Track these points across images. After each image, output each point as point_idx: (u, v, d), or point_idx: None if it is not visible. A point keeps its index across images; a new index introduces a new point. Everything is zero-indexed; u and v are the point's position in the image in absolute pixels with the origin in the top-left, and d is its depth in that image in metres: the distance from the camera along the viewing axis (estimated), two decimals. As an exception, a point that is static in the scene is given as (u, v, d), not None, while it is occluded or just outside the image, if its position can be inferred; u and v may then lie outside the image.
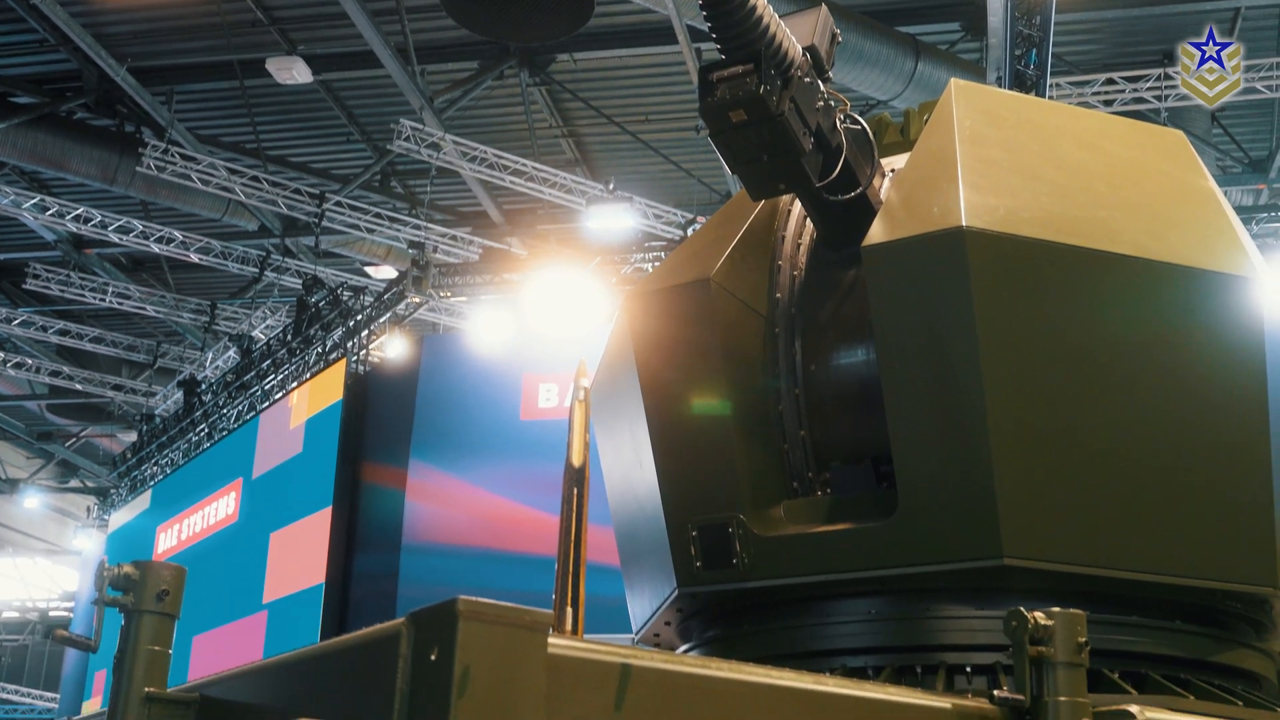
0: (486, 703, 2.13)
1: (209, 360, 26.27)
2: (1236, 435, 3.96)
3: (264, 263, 22.92)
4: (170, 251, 22.31)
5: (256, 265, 22.97)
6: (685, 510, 4.23)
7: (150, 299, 24.67)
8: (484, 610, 2.18)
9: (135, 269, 25.54)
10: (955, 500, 3.77)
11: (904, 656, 3.86)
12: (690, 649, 4.49)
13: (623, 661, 2.39)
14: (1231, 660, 4.05)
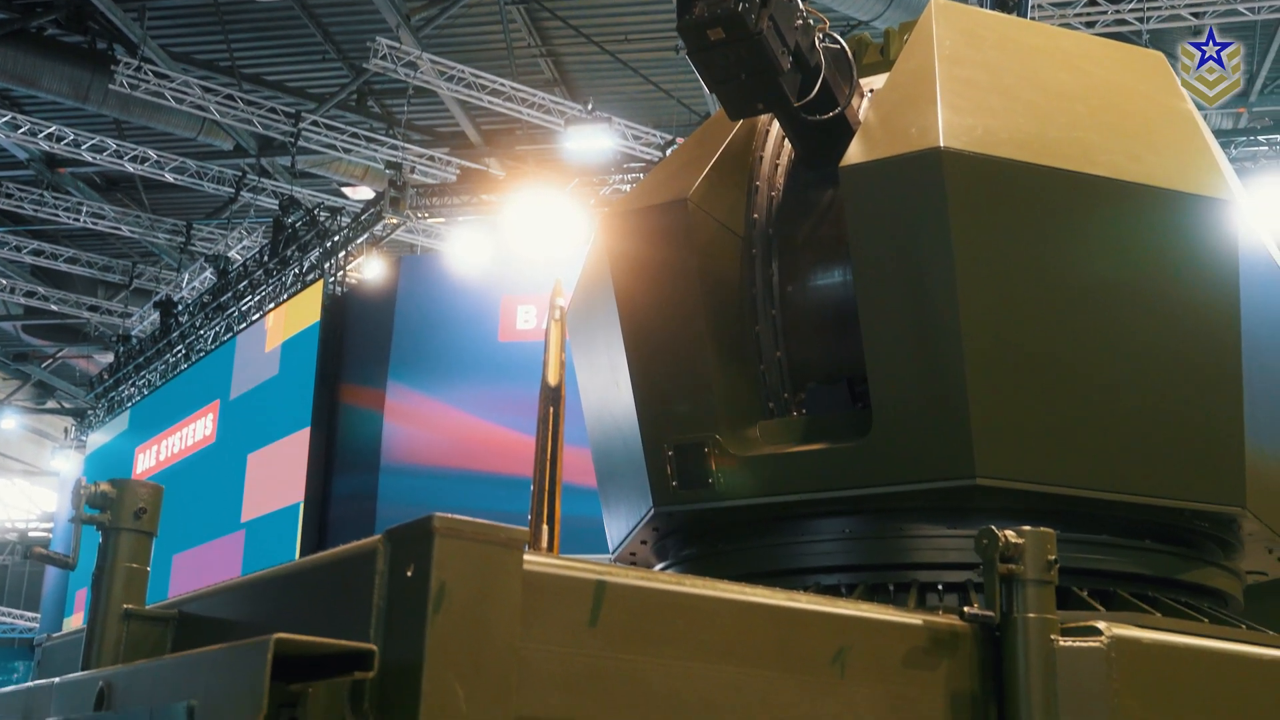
0: (462, 618, 2.15)
1: (185, 281, 26.14)
2: (1208, 358, 3.99)
3: (240, 183, 22.74)
4: (145, 171, 22.10)
5: (232, 185, 22.79)
6: (661, 430, 4.25)
7: (125, 219, 24.47)
8: (460, 527, 2.19)
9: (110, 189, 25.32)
10: (929, 420, 3.80)
11: (877, 575, 3.90)
12: (666, 567, 4.53)
13: (597, 578, 2.41)
14: (1199, 579, 4.11)
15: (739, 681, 2.51)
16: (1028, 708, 2.80)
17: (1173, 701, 2.93)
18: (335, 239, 21.39)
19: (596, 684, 2.35)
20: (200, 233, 25.21)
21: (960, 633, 2.88)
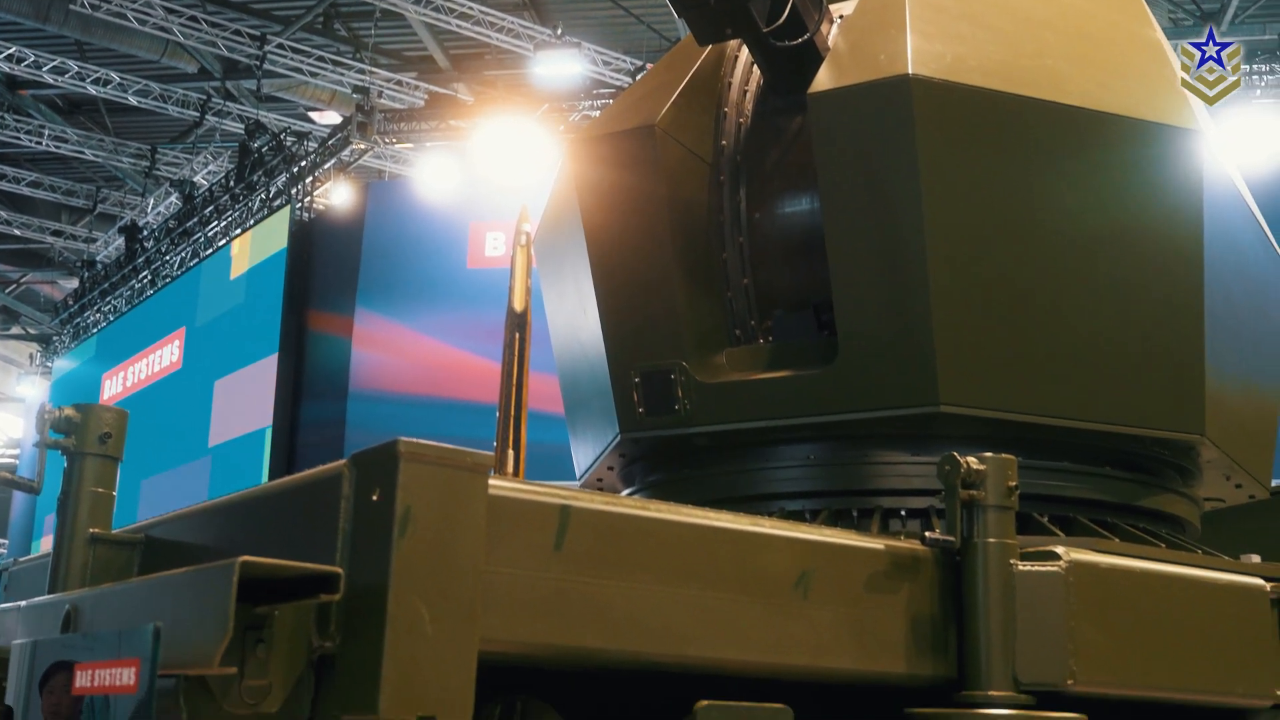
0: (427, 542, 2.16)
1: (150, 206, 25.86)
2: (1172, 287, 4.02)
3: (205, 106, 22.43)
4: (108, 94, 21.78)
5: (197, 109, 22.49)
6: (628, 357, 4.26)
7: (88, 142, 24.14)
8: (425, 452, 2.20)
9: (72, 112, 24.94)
10: (894, 348, 3.82)
11: (841, 500, 3.94)
12: (632, 493, 4.56)
13: (563, 503, 2.43)
14: (1157, 505, 4.17)
15: (703, 604, 2.55)
16: (986, 630, 2.85)
17: (1128, 624, 2.99)
18: (302, 164, 21.17)
19: (562, 607, 2.37)
20: (165, 157, 24.89)
21: (921, 557, 2.93)
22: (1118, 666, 2.96)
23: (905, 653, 2.83)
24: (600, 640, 2.43)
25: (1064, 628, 2.84)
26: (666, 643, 2.50)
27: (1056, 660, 2.84)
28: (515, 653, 2.36)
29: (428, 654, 2.13)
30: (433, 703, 2.13)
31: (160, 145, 24.82)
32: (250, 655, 2.12)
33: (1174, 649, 3.09)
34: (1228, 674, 3.21)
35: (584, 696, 2.81)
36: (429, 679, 2.13)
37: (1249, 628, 3.25)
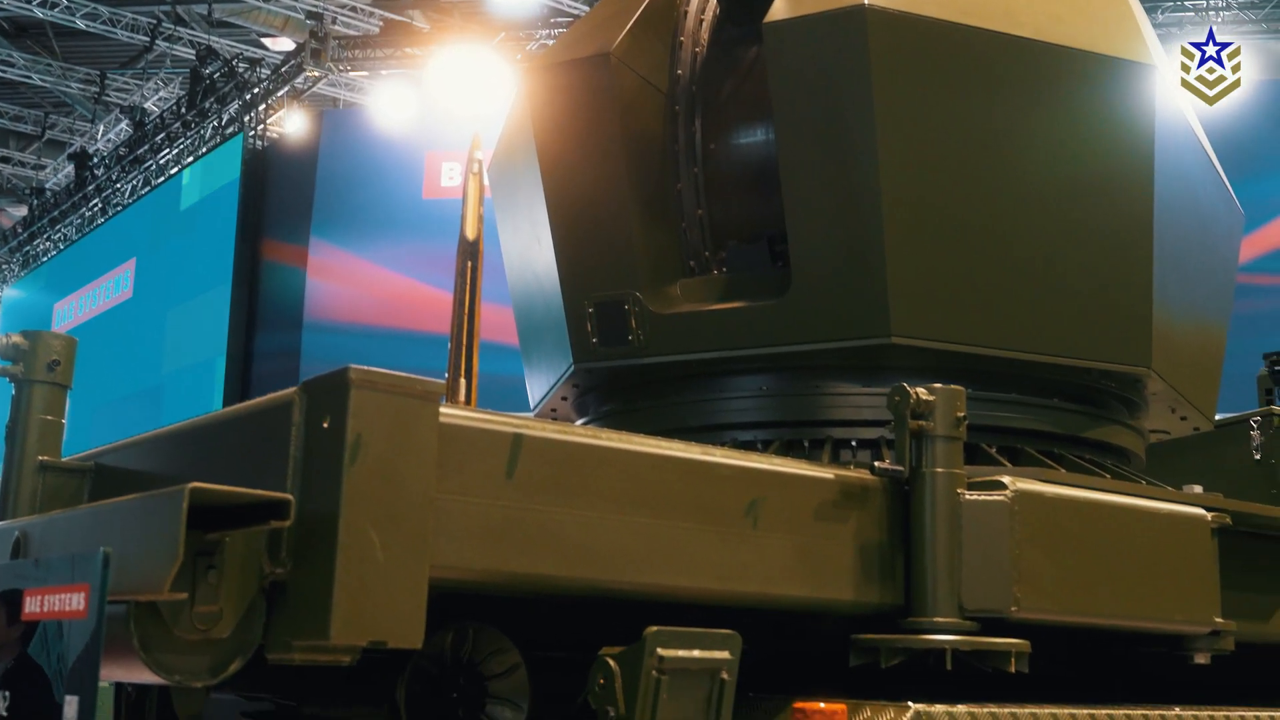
0: (378, 470, 2.17)
1: (100, 133, 25.46)
2: (1122, 221, 4.05)
3: (155, 31, 22.02)
4: (54, 17, 21.34)
5: (147, 33, 22.08)
6: (582, 287, 4.26)
7: (36, 67, 23.68)
8: (376, 379, 2.21)
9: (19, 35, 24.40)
10: (846, 279, 3.84)
11: (792, 431, 3.97)
12: (586, 424, 4.57)
13: (514, 431, 2.44)
14: (1104, 436, 4.23)
15: (654, 532, 2.57)
16: (932, 558, 2.90)
17: (1072, 552, 3.05)
18: (254, 92, 20.89)
19: (513, 534, 2.39)
20: (114, 83, 24.47)
21: (870, 486, 2.96)
22: (1060, 594, 3.01)
23: (853, 580, 2.87)
24: (552, 567, 2.45)
25: (1008, 556, 2.89)
26: (617, 569, 2.53)
27: (1001, 587, 2.89)
28: (467, 580, 2.38)
29: (378, 580, 2.14)
30: (383, 629, 2.15)
31: (110, 71, 24.37)
32: (201, 581, 2.13)
33: (1116, 576, 3.15)
34: (1167, 601, 3.27)
35: (536, 623, 2.84)
36: (380, 605, 2.14)
37: (1189, 556, 3.32)
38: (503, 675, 2.66)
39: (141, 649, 2.13)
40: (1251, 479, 6.07)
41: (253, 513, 2.15)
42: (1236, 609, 3.47)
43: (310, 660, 2.16)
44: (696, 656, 2.40)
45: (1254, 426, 6.26)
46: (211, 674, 2.19)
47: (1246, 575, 3.63)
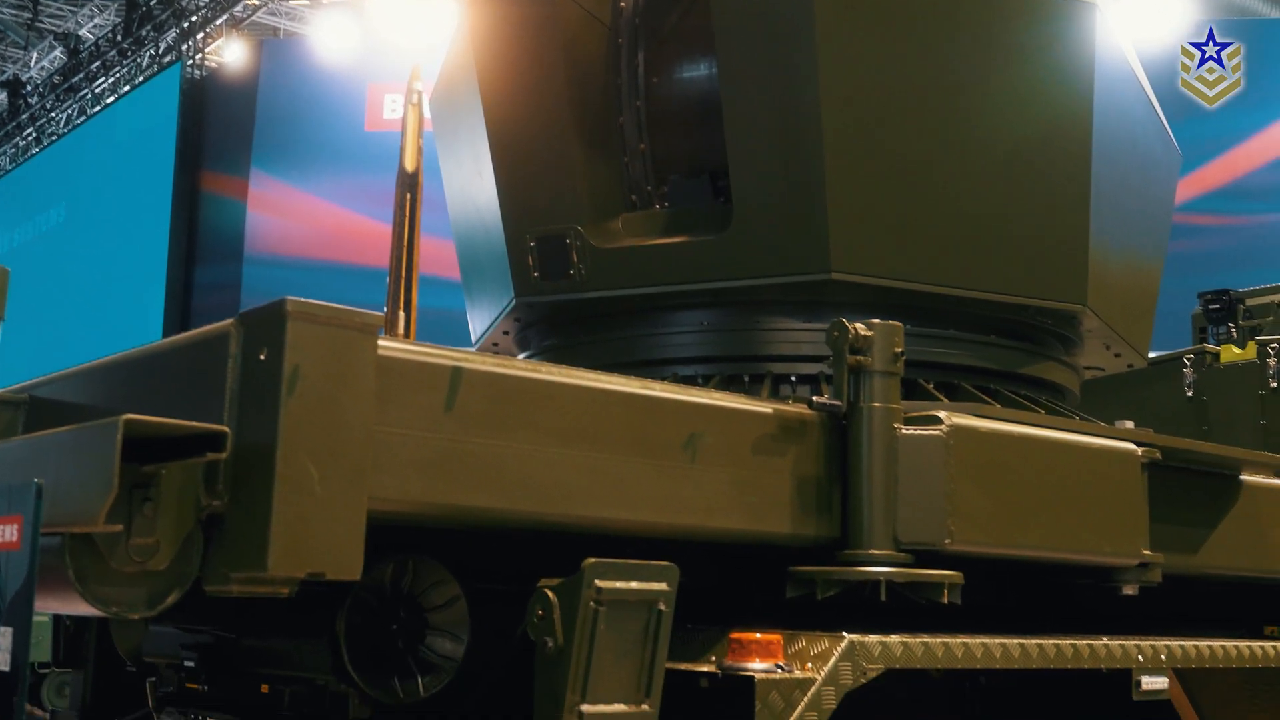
0: (316, 402, 2.16)
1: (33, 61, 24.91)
2: (1060, 160, 4.08)
3: (89, -45, 21.54)
4: (-15, -60, 20.82)
5: (81, -42, 21.60)
6: (524, 221, 4.24)
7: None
8: (313, 311, 2.19)
9: (-53, -42, 23.81)
10: (788, 215, 3.85)
11: (733, 366, 3.99)
12: (527, 358, 4.57)
13: (453, 364, 2.43)
14: (1039, 373, 4.29)
15: (593, 465, 2.58)
16: (868, 491, 2.93)
17: (1005, 485, 3.09)
18: (192, 19, 20.50)
19: (453, 467, 2.39)
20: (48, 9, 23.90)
21: (808, 421, 2.99)
22: (994, 527, 3.06)
23: (790, 513, 2.90)
24: (491, 500, 2.46)
25: (943, 489, 2.93)
26: (557, 502, 2.54)
27: (935, 521, 2.93)
28: (406, 512, 2.38)
29: (316, 512, 2.14)
30: (322, 560, 2.15)
31: (42, -4, 23.80)
32: (137, 513, 2.12)
33: (1048, 510, 3.20)
34: (1098, 534, 3.33)
35: (476, 556, 2.85)
36: (318, 537, 2.14)
37: (1119, 490, 3.37)
38: (443, 607, 2.68)
39: (77, 581, 2.12)
40: (1183, 415, 6.19)
41: (189, 445, 2.14)
42: (1164, 542, 3.54)
43: (248, 592, 2.16)
44: (634, 588, 2.42)
45: (1187, 364, 6.38)
46: (148, 606, 2.18)
47: (1175, 509, 3.71)
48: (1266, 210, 16.47)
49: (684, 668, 2.70)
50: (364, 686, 2.60)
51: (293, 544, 2.10)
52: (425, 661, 2.66)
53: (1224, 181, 16.55)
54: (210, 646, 3.16)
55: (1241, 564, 4.04)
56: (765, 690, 2.55)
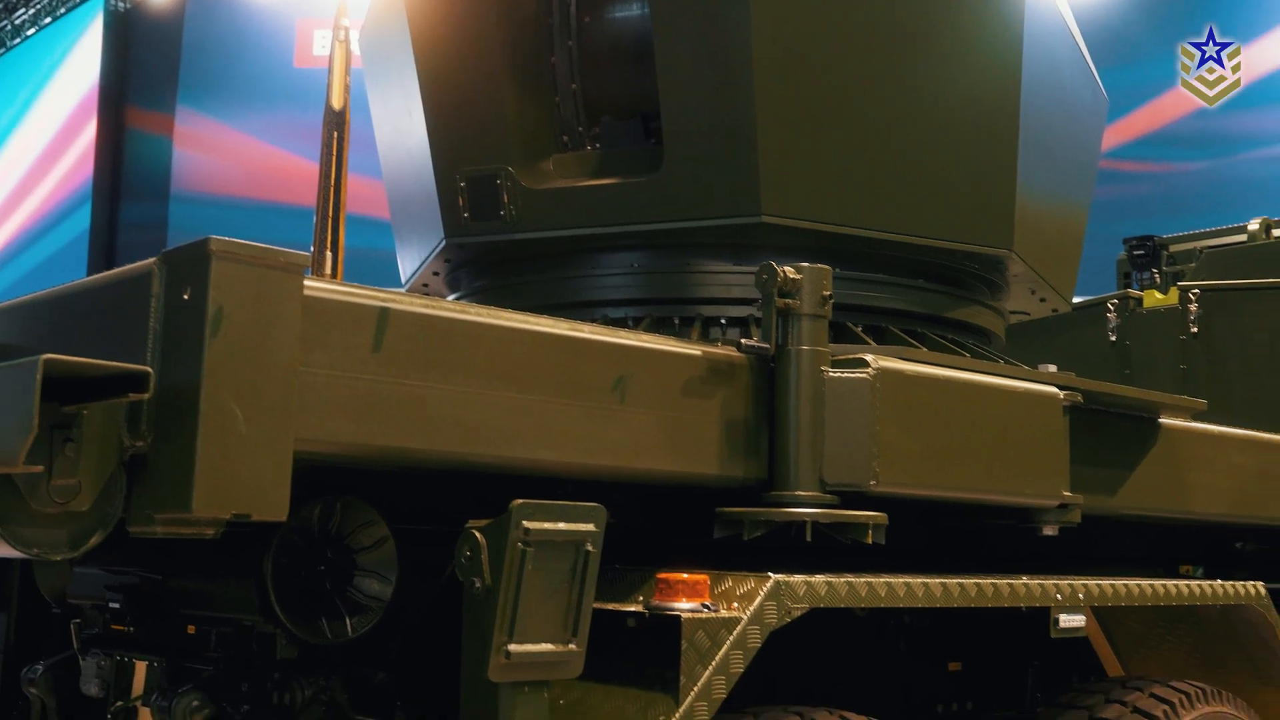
0: (240, 341, 2.15)
1: (-51, -10, 24.24)
2: (989, 104, 4.11)
3: (7, -119, 20.96)
4: None
5: (-2, -116, 21.01)
6: (454, 161, 4.21)
7: (-123, -83, 22.39)
8: (237, 251, 2.17)
9: None
10: (719, 158, 3.85)
11: (663, 308, 4.00)
12: (457, 299, 4.55)
13: (381, 305, 2.42)
14: (966, 317, 4.34)
15: (521, 406, 2.58)
16: (795, 433, 2.96)
17: (930, 428, 3.13)
18: (116, -50, 20.05)
19: (380, 408, 2.39)
20: (-36, -64, 23.28)
21: (737, 363, 3.00)
22: (918, 468, 3.10)
23: (718, 455, 2.92)
24: (419, 441, 2.46)
25: (869, 432, 2.96)
26: (485, 443, 2.54)
27: (861, 462, 2.96)
28: (333, 453, 2.37)
29: (241, 453, 2.13)
30: (247, 501, 2.14)
31: (-42, -77, 23.14)
32: (58, 454, 2.10)
33: (971, 452, 3.24)
34: (1020, 475, 3.39)
35: (404, 497, 2.85)
36: (243, 477, 2.13)
37: (1041, 432, 3.43)
38: (371, 548, 2.68)
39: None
40: (1106, 360, 6.30)
41: (111, 385, 2.11)
42: (1084, 483, 3.61)
43: (172, 533, 2.15)
44: (561, 529, 2.43)
45: (1110, 309, 6.48)
46: (71, 547, 2.17)
47: (1095, 451, 3.78)
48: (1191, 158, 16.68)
49: (611, 608, 2.72)
50: (291, 627, 2.61)
51: (217, 485, 2.09)
52: (353, 602, 2.67)
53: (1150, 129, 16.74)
54: (136, 588, 3.14)
55: (1158, 505, 4.13)
56: (691, 630, 2.58)
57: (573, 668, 2.48)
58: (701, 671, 2.56)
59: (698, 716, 2.55)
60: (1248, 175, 16.31)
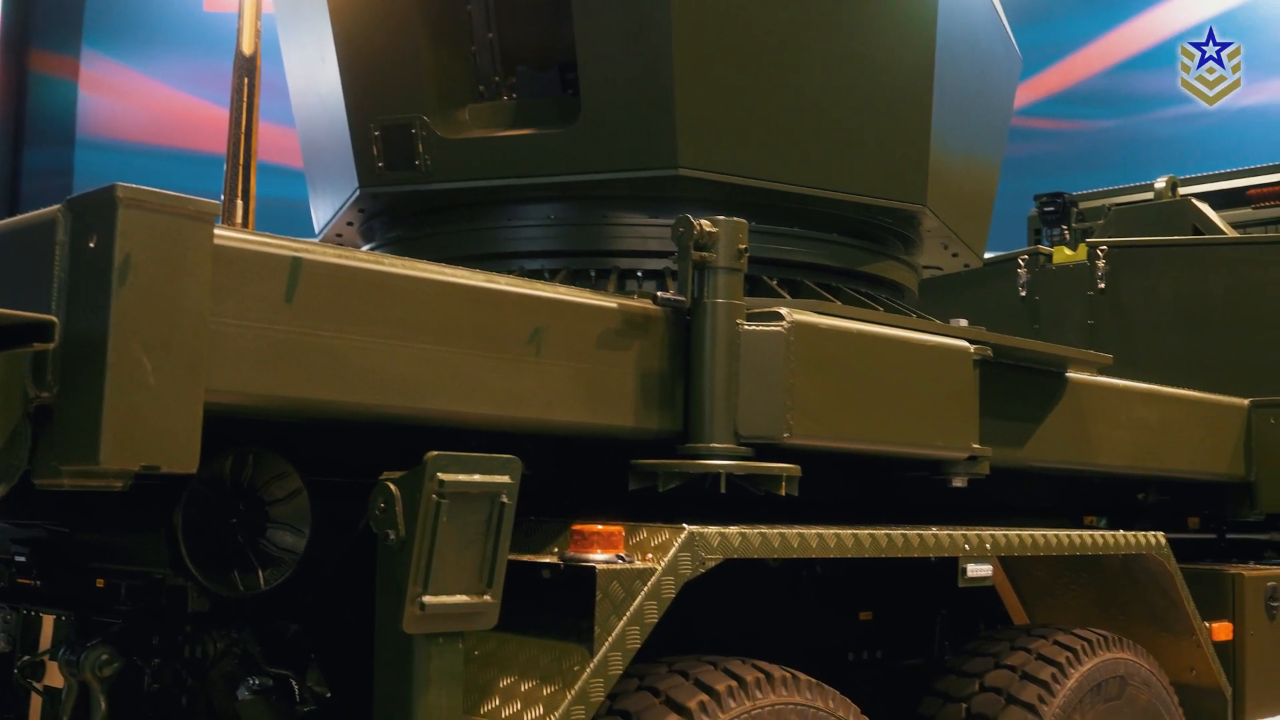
0: (149, 291, 2.11)
1: None
2: (904, 60, 4.13)
3: None
4: None
5: None
6: (368, 109, 4.15)
7: None
8: (145, 198, 2.13)
9: None
10: (636, 109, 3.83)
11: (579, 261, 3.99)
12: (372, 250, 4.50)
13: (293, 254, 2.39)
14: (879, 271, 4.38)
15: (436, 358, 2.57)
16: (710, 386, 2.98)
17: (843, 380, 3.16)
18: (17, -114, 19.44)
19: (292, 359, 2.36)
20: None
21: (653, 316, 3.01)
22: (831, 421, 3.13)
23: (633, 407, 2.93)
24: (332, 392, 2.43)
25: (783, 384, 2.98)
26: (399, 395, 2.52)
27: (775, 415, 2.98)
28: (245, 404, 2.34)
29: (150, 404, 2.10)
30: (156, 453, 2.11)
31: None
32: (-41, 405, 2.06)
33: (884, 404, 3.28)
34: (930, 428, 3.44)
35: (318, 449, 2.83)
36: (152, 429, 2.10)
37: (952, 385, 3.48)
38: (284, 500, 2.66)
39: (-103, 475, 2.05)
40: (1016, 315, 6.40)
41: (15, 334, 2.07)
42: (993, 436, 3.67)
43: (80, 485, 2.12)
44: (476, 481, 2.43)
45: (1021, 265, 6.58)
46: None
47: (1004, 404, 3.84)
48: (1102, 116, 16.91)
49: (526, 559, 2.73)
50: (202, 580, 2.58)
51: (125, 436, 2.06)
52: (265, 555, 2.65)
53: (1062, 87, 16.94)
54: (43, 541, 3.09)
55: (1064, 457, 4.21)
56: (606, 580, 2.59)
57: (487, 619, 2.49)
58: (616, 622, 2.58)
59: (612, 667, 2.57)
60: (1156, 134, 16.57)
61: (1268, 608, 4.96)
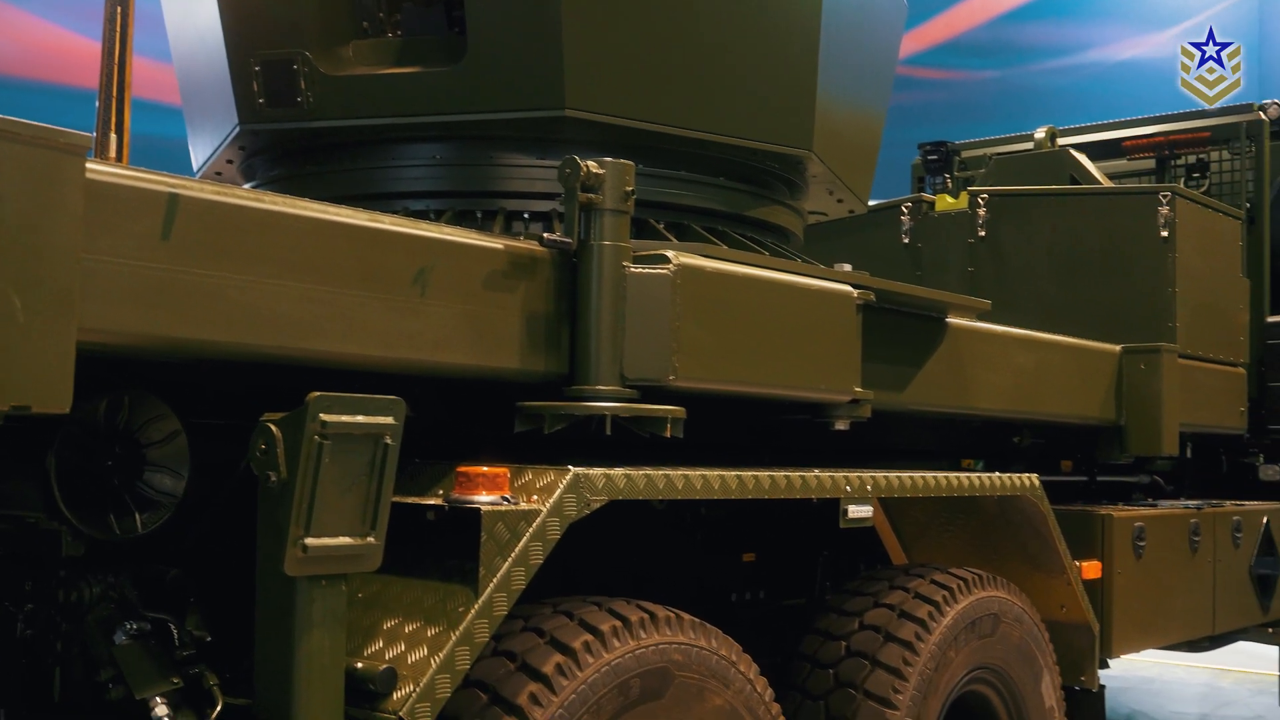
0: (18, 228, 2.04)
1: None
2: (791, 7, 4.14)
3: None
4: None
5: None
6: (248, 44, 4.05)
7: None
8: (14, 130, 2.05)
9: None
10: (522, 49, 3.79)
11: (465, 201, 3.95)
12: (253, 188, 4.40)
13: (170, 190, 2.33)
14: (766, 216, 4.40)
15: (319, 298, 2.53)
16: (596, 328, 2.98)
17: (728, 324, 3.18)
18: None
19: (169, 297, 2.31)
20: None
21: (539, 257, 3.00)
22: (716, 363, 3.16)
23: (519, 348, 2.92)
24: (211, 332, 2.39)
25: (669, 327, 2.99)
26: (281, 335, 2.49)
27: (660, 357, 3.00)
28: (120, 344, 2.29)
29: (21, 343, 2.04)
30: (27, 393, 2.06)
31: None
32: None
33: (768, 348, 3.31)
34: (814, 371, 3.48)
35: (197, 390, 2.78)
36: (23, 369, 2.05)
37: (835, 330, 3.52)
38: (162, 442, 2.61)
39: None
40: (899, 261, 6.50)
41: (-125, 270, 1.99)
42: (875, 379, 3.73)
43: (-55, 426, 2.06)
44: (359, 422, 2.40)
45: (905, 212, 6.67)
46: None
47: (886, 349, 3.91)
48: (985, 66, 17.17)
49: (411, 501, 2.72)
50: (77, 523, 2.52)
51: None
52: (143, 498, 2.60)
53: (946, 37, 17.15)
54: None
55: (943, 400, 4.30)
56: (491, 522, 2.59)
57: (371, 561, 2.47)
58: (501, 563, 2.58)
59: (497, 608, 2.57)
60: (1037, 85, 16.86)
61: (1135, 547, 5.13)
